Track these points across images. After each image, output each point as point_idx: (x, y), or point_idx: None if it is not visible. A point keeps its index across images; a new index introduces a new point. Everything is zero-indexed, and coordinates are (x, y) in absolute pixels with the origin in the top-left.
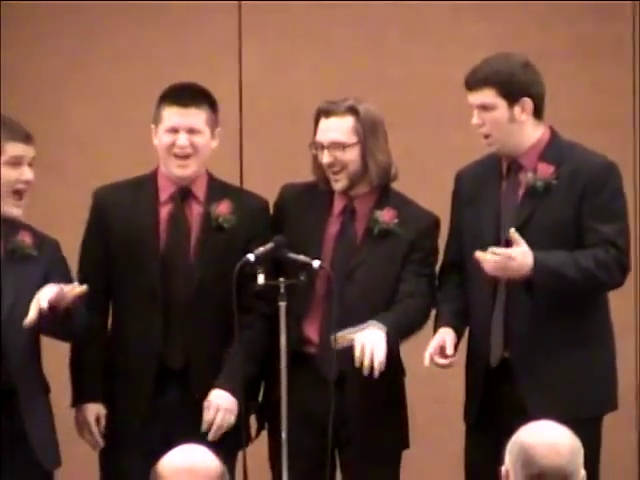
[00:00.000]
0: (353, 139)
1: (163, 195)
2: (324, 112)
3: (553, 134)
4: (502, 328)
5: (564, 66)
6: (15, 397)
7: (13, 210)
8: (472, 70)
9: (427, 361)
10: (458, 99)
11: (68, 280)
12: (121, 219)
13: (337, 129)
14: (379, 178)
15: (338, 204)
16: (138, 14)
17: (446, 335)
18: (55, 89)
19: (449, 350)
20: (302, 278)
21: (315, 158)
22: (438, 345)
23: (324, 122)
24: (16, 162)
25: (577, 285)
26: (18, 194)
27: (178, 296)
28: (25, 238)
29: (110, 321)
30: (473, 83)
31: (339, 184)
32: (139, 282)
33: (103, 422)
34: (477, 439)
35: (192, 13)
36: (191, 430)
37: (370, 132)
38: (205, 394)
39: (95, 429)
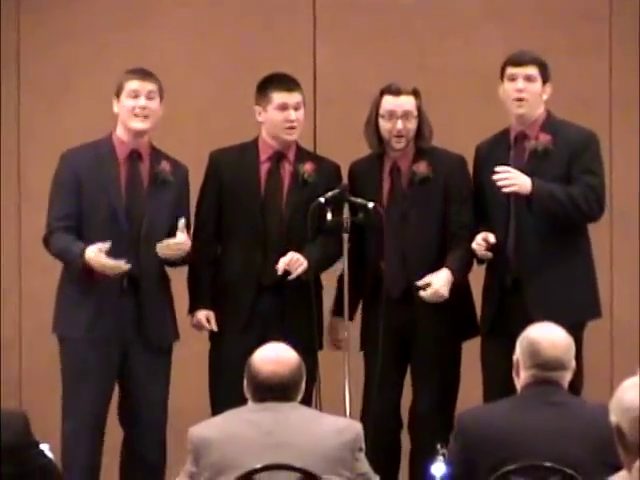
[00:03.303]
0: (416, 113)
1: (263, 156)
2: (394, 91)
3: (549, 113)
4: (514, 253)
5: (558, 60)
6: (141, 287)
7: (138, 125)
8: (519, 53)
9: (474, 244)
10: (481, 85)
11: (187, 204)
12: (231, 173)
13: (408, 103)
14: (428, 141)
15: (387, 165)
16: (245, 22)
17: (489, 233)
18: (181, 71)
19: (492, 239)
20: (360, 216)
21: (372, 125)
22: (485, 235)
23: (395, 98)
24: (134, 95)
25: (565, 208)
26: (138, 117)
27: (273, 231)
28: (166, 166)
29: (220, 250)
30: (524, 60)
31: (400, 144)
32: (244, 221)
33: (213, 321)
34: (491, 344)
35: (276, 18)
36: (281, 332)
37: (422, 108)
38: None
39: (206, 325)
